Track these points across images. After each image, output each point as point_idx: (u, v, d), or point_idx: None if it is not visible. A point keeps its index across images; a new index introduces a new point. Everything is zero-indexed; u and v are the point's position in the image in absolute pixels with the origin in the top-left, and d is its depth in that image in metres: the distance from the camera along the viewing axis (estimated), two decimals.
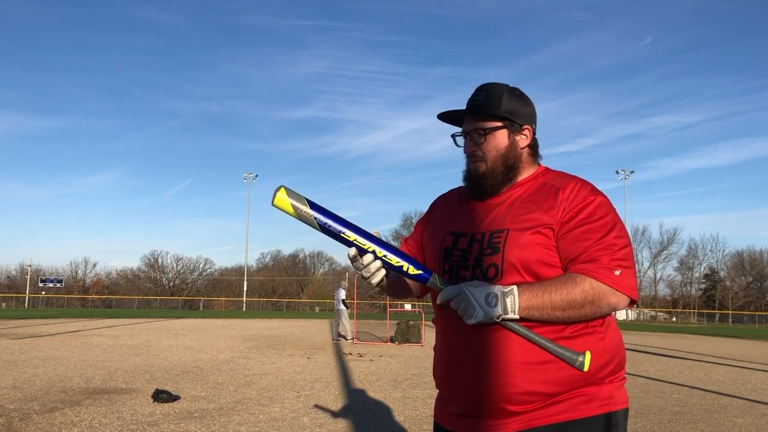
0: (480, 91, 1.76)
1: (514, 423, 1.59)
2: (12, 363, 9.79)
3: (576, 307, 1.56)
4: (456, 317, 1.66)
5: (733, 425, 6.23)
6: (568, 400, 1.59)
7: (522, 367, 1.58)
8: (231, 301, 67.55)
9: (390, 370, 10.30)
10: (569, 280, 1.57)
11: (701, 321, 64.61)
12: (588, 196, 1.66)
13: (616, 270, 1.57)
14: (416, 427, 5.71)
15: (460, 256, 1.71)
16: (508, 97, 1.74)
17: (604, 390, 1.63)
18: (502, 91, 1.75)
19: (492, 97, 1.73)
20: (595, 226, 1.61)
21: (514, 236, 1.63)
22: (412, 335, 17.27)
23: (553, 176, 1.76)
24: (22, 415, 5.69)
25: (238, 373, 9.33)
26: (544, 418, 1.58)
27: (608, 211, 1.65)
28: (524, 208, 1.68)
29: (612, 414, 1.62)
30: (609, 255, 1.58)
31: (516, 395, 1.58)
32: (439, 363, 1.77)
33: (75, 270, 76.41)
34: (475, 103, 1.74)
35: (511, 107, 1.74)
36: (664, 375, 10.79)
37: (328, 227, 1.63)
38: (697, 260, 74.69)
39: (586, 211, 1.63)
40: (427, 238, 1.87)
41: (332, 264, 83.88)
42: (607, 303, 1.58)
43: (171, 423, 5.56)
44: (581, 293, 1.55)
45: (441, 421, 1.78)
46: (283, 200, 1.61)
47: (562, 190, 1.68)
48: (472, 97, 1.76)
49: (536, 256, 1.61)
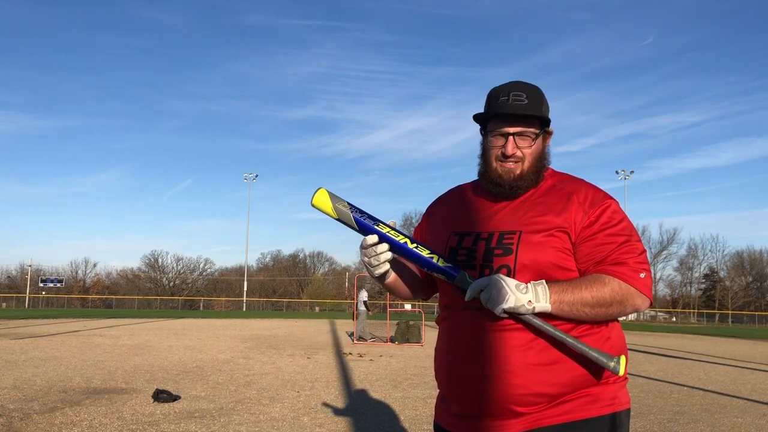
0: (519, 91, 1.70)
1: (518, 424, 1.59)
2: (12, 363, 9.80)
3: (605, 305, 1.58)
4: (461, 318, 1.67)
5: (733, 425, 6.23)
6: (573, 401, 1.60)
7: (527, 367, 1.58)
8: (231, 301, 67.55)
9: (390, 370, 10.30)
10: (598, 280, 1.59)
11: (701, 321, 64.62)
12: (604, 200, 1.68)
13: (641, 273, 1.61)
14: (416, 427, 5.71)
15: (466, 255, 1.69)
16: (543, 101, 1.74)
17: (609, 390, 1.64)
18: (541, 94, 1.74)
19: (535, 101, 1.70)
20: (615, 230, 1.64)
21: (527, 238, 1.63)
22: (412, 335, 17.27)
23: (561, 179, 1.76)
24: (22, 415, 5.69)
25: (238, 373, 9.33)
26: (549, 418, 1.59)
27: (624, 216, 1.69)
28: (535, 209, 1.68)
29: (617, 414, 1.63)
30: (633, 258, 1.61)
31: (520, 396, 1.58)
32: (443, 363, 1.76)
33: (75, 270, 76.51)
34: (519, 103, 1.68)
35: (547, 112, 1.74)
36: (664, 375, 10.79)
37: (363, 223, 1.69)
38: (696, 260, 74.77)
39: (605, 216, 1.65)
40: (431, 240, 1.85)
41: (332, 264, 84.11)
42: (633, 304, 1.61)
43: (171, 423, 5.57)
44: (610, 292, 1.58)
45: (442, 422, 1.77)
46: (322, 201, 1.69)
47: (575, 194, 1.68)
48: (513, 97, 1.68)
49: (550, 258, 1.61)
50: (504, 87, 1.73)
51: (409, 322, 17.98)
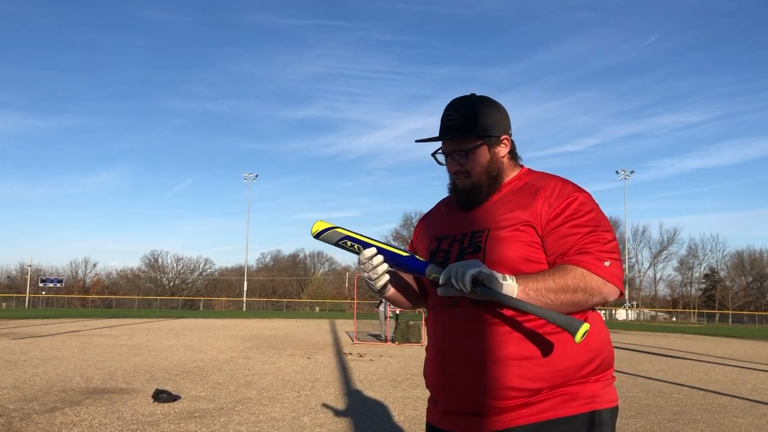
0: (452, 111, 1.76)
1: (499, 421, 1.60)
2: (12, 363, 9.80)
3: (569, 291, 1.58)
4: (442, 316, 1.73)
5: (733, 425, 6.23)
6: (548, 400, 1.60)
7: (503, 362, 1.60)
8: (231, 301, 67.56)
9: (390, 370, 10.30)
10: (561, 269, 1.61)
11: (701, 321, 64.57)
12: (571, 193, 1.70)
13: (605, 261, 1.62)
14: (416, 427, 5.71)
15: (443, 257, 1.77)
16: (481, 112, 1.76)
17: (588, 389, 1.64)
18: (475, 106, 1.76)
19: (466, 117, 1.74)
20: (581, 222, 1.65)
21: (494, 235, 1.68)
22: (412, 335, 17.28)
23: (535, 177, 1.80)
24: (22, 415, 5.69)
25: (238, 373, 9.33)
26: (524, 417, 1.59)
27: (593, 207, 1.69)
28: (504, 208, 1.73)
29: (596, 413, 1.62)
30: (598, 247, 1.62)
31: (500, 390, 1.59)
32: (427, 361, 1.82)
33: (75, 270, 76.51)
34: (450, 124, 1.75)
35: (487, 122, 1.76)
36: (664, 375, 10.78)
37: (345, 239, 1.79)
38: (697, 260, 74.83)
39: (571, 208, 1.67)
40: (419, 248, 1.94)
41: (332, 264, 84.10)
42: (599, 292, 1.61)
43: (171, 423, 5.57)
44: (573, 280, 1.59)
45: (432, 420, 1.81)
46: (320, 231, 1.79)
47: (542, 189, 1.72)
48: (445, 118, 1.77)
49: (517, 252, 1.65)
50: (445, 107, 1.80)
51: (409, 322, 17.98)
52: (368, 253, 1.73)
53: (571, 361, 1.62)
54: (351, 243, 1.77)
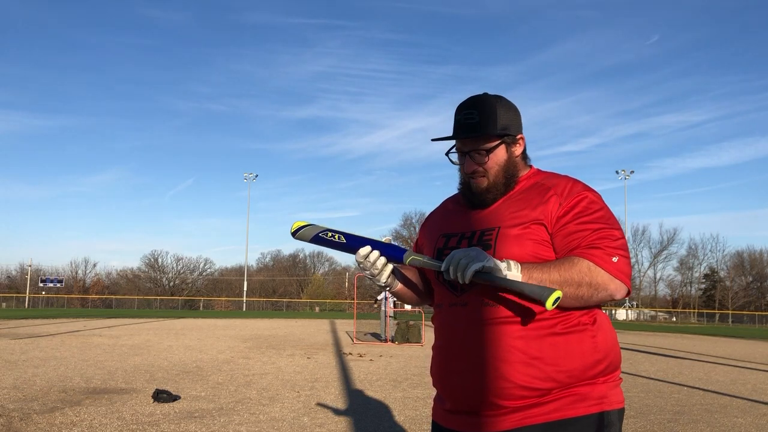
0: (471, 109, 1.75)
1: (506, 421, 1.60)
2: (12, 363, 9.80)
3: (573, 284, 1.57)
4: (448, 315, 1.71)
5: (733, 425, 6.23)
6: (559, 400, 1.60)
7: (510, 361, 1.59)
8: (231, 301, 67.55)
9: (390, 370, 10.30)
10: (567, 261, 1.60)
11: (701, 321, 64.58)
12: (581, 191, 1.70)
13: (614, 257, 1.61)
14: (416, 427, 5.71)
15: None
16: (501, 112, 1.75)
17: (597, 390, 1.64)
18: (494, 105, 1.75)
19: (486, 115, 1.73)
20: (590, 219, 1.66)
21: (504, 232, 1.68)
22: (412, 335, 17.27)
23: (545, 176, 1.80)
24: (22, 415, 5.69)
25: (238, 373, 9.33)
26: (535, 417, 1.59)
27: (602, 206, 1.70)
28: (514, 206, 1.73)
29: (605, 414, 1.63)
30: (607, 243, 1.62)
31: (507, 390, 1.59)
32: (434, 360, 1.81)
33: (75, 270, 76.46)
34: (469, 122, 1.74)
35: (506, 121, 1.76)
36: (664, 375, 10.78)
37: (324, 231, 1.81)
38: (697, 260, 74.81)
39: (581, 206, 1.67)
40: (424, 245, 1.92)
41: (332, 264, 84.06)
42: (605, 288, 1.59)
43: (171, 423, 5.57)
44: (578, 272, 1.58)
45: (438, 419, 1.80)
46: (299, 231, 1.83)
47: (553, 188, 1.72)
48: (464, 116, 1.75)
49: (527, 250, 1.64)
50: (460, 105, 1.79)
51: (409, 322, 17.98)
52: (363, 252, 1.73)
53: (579, 362, 1.61)
54: (331, 233, 1.78)
